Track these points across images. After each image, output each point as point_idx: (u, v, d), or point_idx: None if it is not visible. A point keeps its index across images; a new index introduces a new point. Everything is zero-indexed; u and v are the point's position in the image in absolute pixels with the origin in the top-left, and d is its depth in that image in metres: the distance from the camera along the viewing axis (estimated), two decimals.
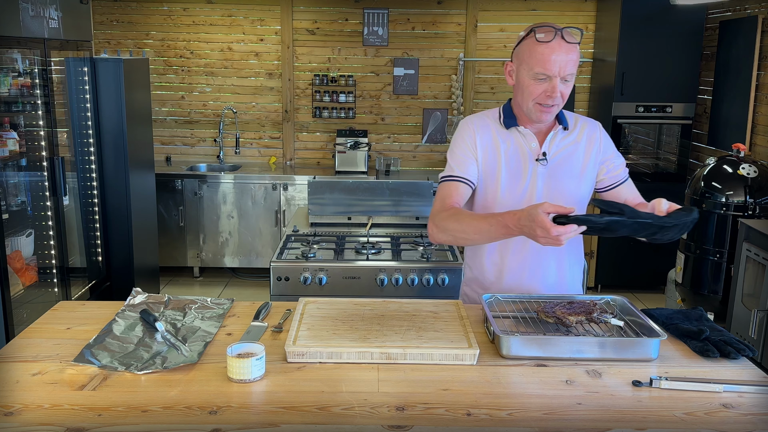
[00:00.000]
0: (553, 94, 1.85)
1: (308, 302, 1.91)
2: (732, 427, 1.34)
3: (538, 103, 1.89)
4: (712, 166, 4.00)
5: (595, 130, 2.05)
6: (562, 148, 2.00)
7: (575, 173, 2.00)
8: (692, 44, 4.92)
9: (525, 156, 1.98)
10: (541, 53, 1.81)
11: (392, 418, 1.35)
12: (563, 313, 1.74)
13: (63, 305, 1.99)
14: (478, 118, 2.05)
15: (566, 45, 1.81)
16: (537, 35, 1.82)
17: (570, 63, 1.82)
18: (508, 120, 2.00)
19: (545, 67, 1.82)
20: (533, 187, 1.98)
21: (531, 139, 1.99)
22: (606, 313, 1.79)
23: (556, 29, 1.81)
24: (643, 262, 5.10)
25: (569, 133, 2.01)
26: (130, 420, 1.33)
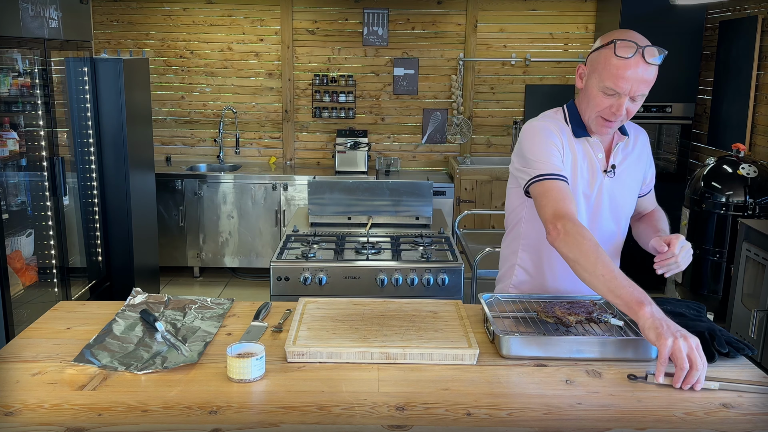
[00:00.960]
0: (618, 112, 1.77)
1: (308, 302, 1.91)
2: (732, 427, 1.34)
3: (601, 117, 1.81)
4: (711, 166, 4.00)
5: (645, 140, 2.01)
6: (624, 159, 1.94)
7: (633, 184, 1.97)
8: (692, 44, 4.92)
9: (594, 167, 1.90)
10: (616, 68, 1.72)
11: (392, 418, 1.35)
12: (563, 313, 1.74)
13: (63, 305, 1.99)
14: (552, 123, 1.89)
15: (644, 65, 1.71)
16: (617, 49, 1.72)
17: (644, 84, 1.73)
18: (578, 129, 1.89)
19: (616, 84, 1.73)
20: (599, 200, 1.92)
21: (598, 149, 1.91)
22: (606, 312, 1.79)
23: (639, 46, 1.71)
24: (643, 262, 5.09)
25: (627, 143, 1.96)
26: (130, 420, 1.33)
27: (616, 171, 1.91)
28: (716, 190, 3.91)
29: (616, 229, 1.99)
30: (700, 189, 3.97)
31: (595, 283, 1.61)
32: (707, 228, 3.97)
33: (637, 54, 1.71)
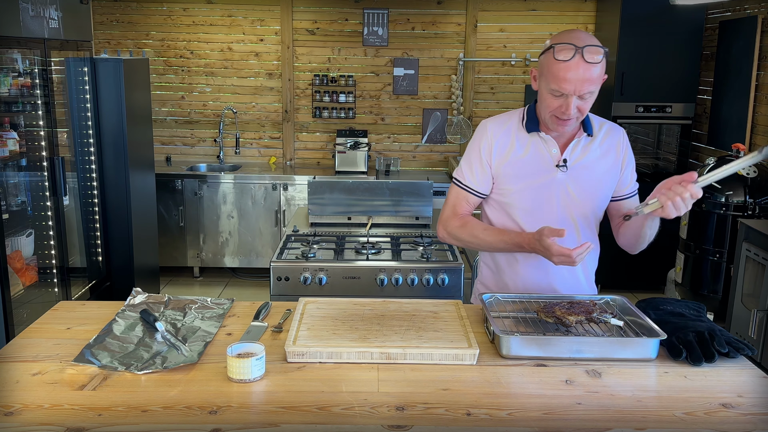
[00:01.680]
0: (567, 111, 1.82)
1: (308, 302, 1.91)
2: (732, 427, 1.34)
3: (554, 116, 1.87)
4: (711, 166, 4.00)
5: (618, 137, 2.02)
6: (584, 155, 1.97)
7: (594, 181, 1.99)
8: (692, 44, 4.92)
9: (545, 161, 1.96)
10: (558, 71, 1.78)
11: (392, 418, 1.35)
12: (563, 312, 1.74)
13: (63, 305, 1.99)
14: (498, 123, 2.01)
15: (585, 65, 1.75)
16: (556, 53, 1.77)
17: (587, 82, 1.78)
18: (531, 124, 1.97)
19: (560, 86, 1.79)
20: (551, 193, 1.97)
21: (552, 145, 1.96)
22: (606, 313, 1.79)
23: (577, 47, 1.75)
24: (643, 262, 5.10)
25: (592, 140, 1.99)
26: (130, 420, 1.33)
27: (569, 166, 1.96)
28: (716, 190, 3.91)
29: (571, 222, 2.00)
30: None
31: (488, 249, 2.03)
32: (707, 228, 3.97)
33: (577, 55, 1.75)
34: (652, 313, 1.82)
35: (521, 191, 1.98)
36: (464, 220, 2.03)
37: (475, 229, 2.00)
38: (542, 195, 1.97)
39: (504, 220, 2.03)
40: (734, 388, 1.49)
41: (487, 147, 2.00)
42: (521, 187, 1.98)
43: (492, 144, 1.99)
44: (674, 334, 1.67)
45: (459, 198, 2.06)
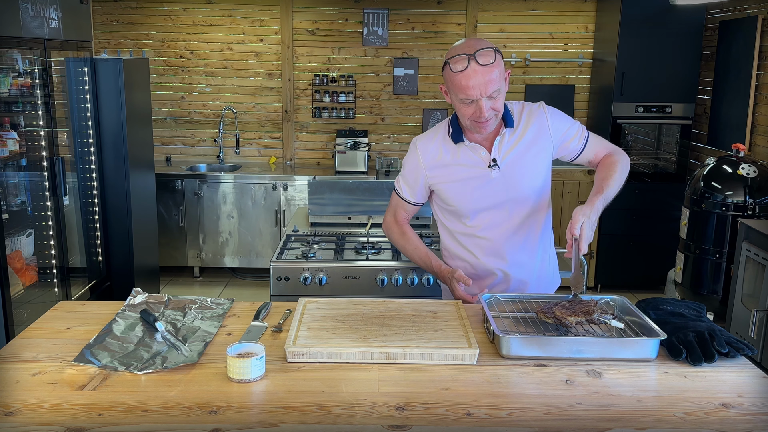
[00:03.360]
0: (482, 114, 1.91)
1: (308, 302, 1.91)
2: (732, 427, 1.34)
3: (473, 121, 1.95)
4: (711, 166, 4.00)
5: (540, 116, 2.07)
6: (512, 147, 2.05)
7: (530, 168, 2.07)
8: (692, 44, 4.92)
9: (477, 166, 2.06)
10: (459, 81, 1.87)
11: (392, 418, 1.35)
12: (563, 313, 1.74)
13: (63, 305, 1.99)
14: (427, 140, 2.13)
15: (481, 68, 1.85)
16: (452, 66, 1.88)
17: (489, 83, 1.87)
18: (456, 135, 2.07)
19: (467, 93, 1.88)
20: (491, 193, 2.06)
21: (479, 149, 2.06)
22: (606, 314, 1.79)
23: (468, 55, 1.85)
24: (643, 262, 5.11)
25: (515, 131, 2.06)
26: (130, 420, 1.33)
27: (500, 163, 2.05)
28: (716, 190, 3.91)
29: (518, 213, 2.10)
30: (700, 189, 3.97)
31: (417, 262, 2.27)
32: (707, 228, 3.97)
33: (471, 62, 1.85)
34: (652, 313, 1.82)
35: (461, 198, 2.09)
36: (403, 231, 2.28)
37: (408, 245, 2.26)
38: (483, 197, 2.07)
39: (454, 225, 2.17)
40: (734, 388, 1.49)
41: (416, 164, 2.13)
42: (460, 195, 2.09)
43: (421, 161, 2.12)
44: (674, 334, 1.67)
45: (398, 205, 2.27)
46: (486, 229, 2.12)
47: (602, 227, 5.06)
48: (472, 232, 2.14)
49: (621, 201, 5.64)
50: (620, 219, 5.06)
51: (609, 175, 2.01)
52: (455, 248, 2.21)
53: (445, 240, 2.25)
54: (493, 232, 2.12)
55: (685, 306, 1.87)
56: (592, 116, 5.54)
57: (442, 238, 2.27)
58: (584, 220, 1.81)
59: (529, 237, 2.14)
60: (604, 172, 2.03)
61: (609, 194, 1.96)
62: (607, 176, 2.01)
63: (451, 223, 2.19)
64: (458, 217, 2.15)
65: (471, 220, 2.12)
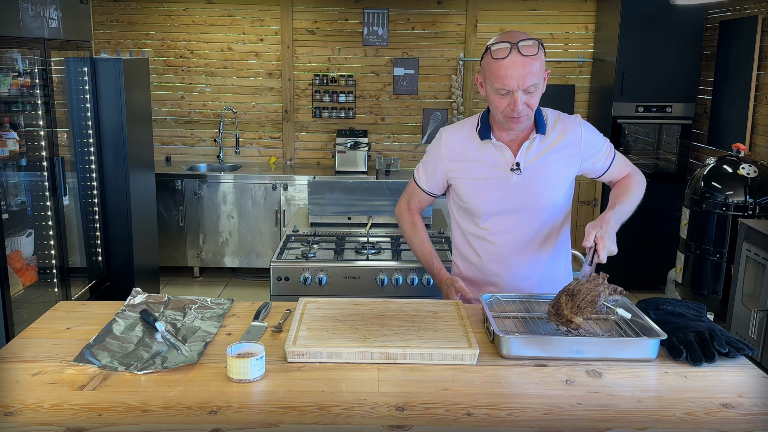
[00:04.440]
0: (516, 107, 1.87)
1: (308, 302, 1.91)
2: (732, 427, 1.34)
3: (506, 116, 1.92)
4: (712, 166, 4.00)
5: (575, 128, 2.04)
6: (539, 155, 2.01)
7: (552, 179, 2.03)
8: (692, 44, 4.92)
9: (500, 166, 2.02)
10: (498, 70, 1.84)
11: (392, 418, 1.35)
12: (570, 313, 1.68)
13: (63, 305, 1.99)
14: (452, 132, 2.11)
15: (522, 59, 1.82)
16: (493, 53, 1.85)
17: (529, 75, 1.83)
18: (484, 131, 2.03)
19: (504, 84, 1.85)
20: (508, 197, 2.03)
21: (504, 149, 2.02)
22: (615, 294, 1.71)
23: (512, 43, 1.82)
24: (643, 262, 5.10)
25: (546, 138, 2.02)
26: (130, 420, 1.33)
27: (523, 168, 2.01)
28: (716, 190, 3.91)
29: (533, 221, 2.06)
30: (700, 189, 3.97)
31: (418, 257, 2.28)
32: (707, 228, 3.97)
33: (513, 51, 1.82)
34: (652, 313, 1.82)
35: (477, 197, 2.06)
36: (414, 222, 2.28)
37: (415, 237, 2.27)
38: (499, 200, 2.04)
39: (466, 224, 2.14)
40: (734, 388, 1.49)
41: (440, 155, 2.10)
42: (477, 193, 2.05)
43: (443, 152, 2.09)
44: (674, 334, 1.67)
45: (414, 193, 2.26)
46: (496, 233, 2.08)
47: None
48: (482, 235, 2.10)
49: None
50: None
51: (623, 192, 2.01)
52: (463, 247, 2.18)
53: (455, 237, 2.22)
54: (502, 237, 2.08)
55: (686, 306, 1.87)
56: (592, 116, 5.54)
57: (453, 235, 2.24)
58: (596, 232, 1.80)
59: (538, 250, 2.09)
60: (619, 190, 2.04)
61: (622, 209, 1.95)
62: (621, 194, 2.01)
63: (463, 221, 2.15)
64: (471, 217, 2.11)
65: (483, 222, 2.08)
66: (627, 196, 2.00)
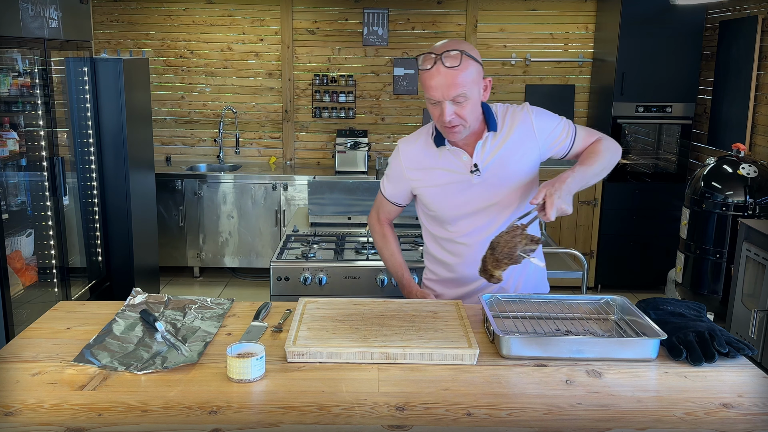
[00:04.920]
0: (443, 118, 1.86)
1: (308, 302, 1.91)
2: (732, 427, 1.34)
3: (441, 125, 1.92)
4: (712, 166, 4.00)
5: (525, 117, 2.01)
6: (495, 151, 2.00)
7: (514, 173, 2.01)
8: (692, 44, 4.92)
9: (459, 170, 2.01)
10: (424, 80, 1.85)
11: (392, 418, 1.35)
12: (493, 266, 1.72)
13: (63, 305, 1.99)
14: (410, 142, 2.10)
15: (446, 70, 1.80)
16: (420, 64, 1.86)
17: (453, 87, 1.82)
18: (438, 138, 2.02)
19: (430, 94, 1.86)
20: (472, 198, 2.02)
21: (460, 153, 2.00)
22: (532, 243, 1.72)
23: (436, 55, 1.82)
24: (643, 262, 5.10)
25: (498, 134, 2.00)
26: (130, 420, 1.33)
27: (482, 168, 1.99)
28: (716, 190, 3.91)
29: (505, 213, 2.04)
30: (700, 189, 3.97)
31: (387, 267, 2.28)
32: (707, 228, 3.97)
33: (437, 63, 1.82)
34: (652, 313, 1.82)
35: (442, 204, 2.05)
36: (384, 233, 2.27)
37: (385, 249, 2.26)
38: (464, 203, 2.03)
39: (436, 230, 2.13)
40: (734, 388, 1.49)
41: (400, 166, 2.10)
42: (441, 200, 2.05)
43: (403, 163, 2.08)
44: (674, 334, 1.67)
45: (381, 205, 2.25)
46: (467, 235, 2.07)
47: (602, 227, 5.06)
48: (453, 238, 2.09)
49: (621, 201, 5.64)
50: (620, 219, 5.06)
51: (589, 156, 1.95)
52: (438, 253, 2.16)
53: (428, 244, 2.21)
54: (473, 238, 2.06)
55: (686, 306, 1.87)
56: (592, 116, 5.54)
57: (425, 242, 2.22)
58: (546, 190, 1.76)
59: None
60: (585, 154, 1.99)
61: (584, 171, 1.88)
62: (586, 157, 1.95)
63: (433, 227, 2.14)
64: (440, 223, 2.10)
65: (452, 227, 2.07)
66: (593, 159, 1.93)
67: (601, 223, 5.08)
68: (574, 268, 3.07)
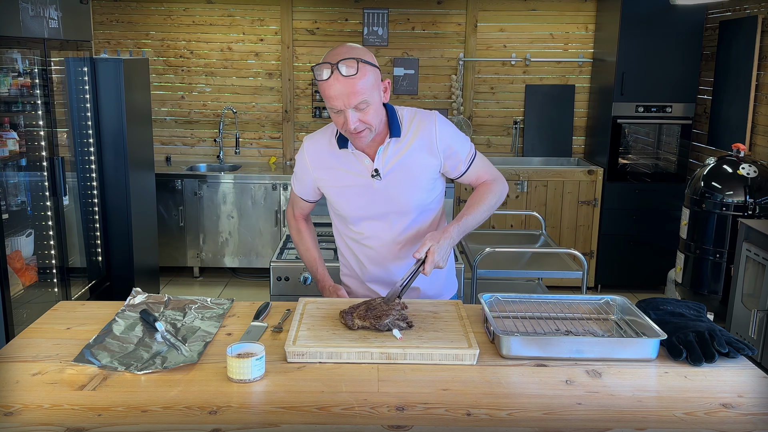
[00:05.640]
0: (347, 126, 1.84)
1: (308, 302, 1.91)
2: (732, 427, 1.34)
3: (346, 132, 1.89)
4: (712, 166, 4.00)
5: (429, 126, 2.00)
6: (397, 157, 1.98)
7: (412, 180, 2.00)
8: (692, 44, 4.91)
9: (361, 174, 2.00)
10: (323, 90, 1.83)
11: (392, 418, 1.35)
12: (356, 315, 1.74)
13: (63, 305, 1.99)
14: (314, 141, 2.08)
15: (342, 79, 1.78)
16: (315, 75, 1.83)
17: (353, 95, 1.79)
18: (341, 140, 2.00)
19: (331, 103, 1.83)
20: (373, 202, 2.01)
21: (362, 157, 1.99)
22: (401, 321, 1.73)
23: (332, 64, 1.78)
24: (643, 262, 5.10)
25: (401, 140, 1.99)
26: (130, 420, 1.33)
27: (383, 173, 1.99)
28: (716, 190, 3.91)
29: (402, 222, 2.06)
30: (700, 189, 3.97)
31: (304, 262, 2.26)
32: (707, 228, 3.97)
33: (334, 72, 1.78)
34: (652, 313, 1.82)
35: (345, 204, 2.06)
36: (299, 228, 2.25)
37: (301, 244, 2.24)
38: (366, 206, 2.03)
39: (343, 228, 2.14)
40: (734, 388, 1.49)
41: (305, 164, 2.08)
42: (344, 200, 2.05)
43: (308, 161, 2.07)
44: (674, 334, 1.67)
45: (294, 201, 2.23)
46: (370, 238, 2.07)
47: (602, 227, 5.06)
48: (358, 239, 2.10)
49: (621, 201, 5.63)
50: (620, 219, 5.06)
51: (475, 203, 2.01)
52: (345, 250, 2.18)
53: (337, 240, 2.21)
54: (376, 241, 2.07)
55: (686, 306, 1.87)
56: (592, 116, 5.54)
57: (336, 238, 2.22)
58: (432, 245, 1.83)
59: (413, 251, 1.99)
60: (472, 200, 2.03)
61: (468, 221, 1.97)
62: (472, 204, 2.01)
63: (340, 225, 2.15)
64: (344, 221, 2.11)
65: (356, 226, 2.08)
66: (477, 207, 1.99)
67: (601, 223, 5.08)
68: (574, 268, 3.08)
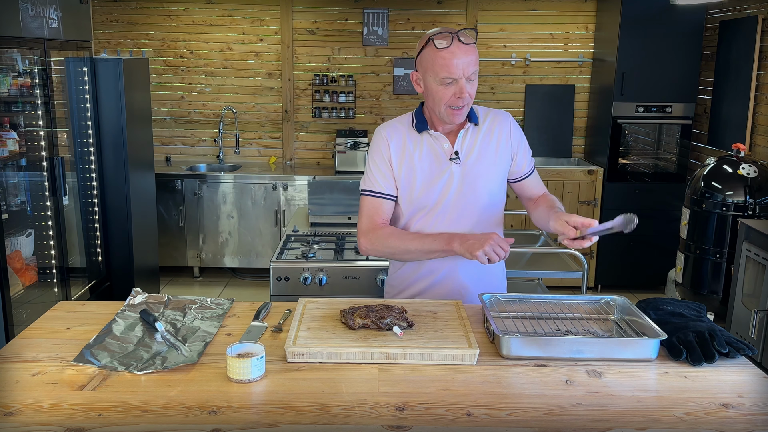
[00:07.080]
0: (462, 95, 1.91)
1: (308, 302, 1.91)
2: (732, 427, 1.34)
3: (449, 106, 1.94)
4: (712, 166, 4.00)
5: (505, 122, 2.09)
6: (475, 143, 2.05)
7: (488, 168, 2.06)
8: (692, 44, 4.92)
9: (439, 157, 2.04)
10: (443, 58, 1.88)
11: (392, 418, 1.35)
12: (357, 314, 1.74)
13: (63, 305, 1.99)
14: (390, 127, 2.10)
15: (464, 47, 1.87)
16: (436, 43, 1.88)
17: (471, 63, 1.89)
18: (420, 125, 2.05)
19: (450, 71, 1.88)
20: (449, 185, 2.04)
21: (442, 140, 2.04)
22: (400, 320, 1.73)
23: (452, 33, 1.88)
24: (643, 262, 5.10)
25: (479, 128, 2.06)
26: (130, 420, 1.33)
27: (462, 157, 2.03)
28: (716, 190, 3.91)
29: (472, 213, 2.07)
30: (700, 189, 3.97)
31: (415, 256, 2.04)
32: (707, 228, 3.97)
33: (455, 39, 1.88)
34: (652, 313, 1.82)
35: (421, 188, 2.04)
36: (390, 230, 2.04)
37: (403, 234, 2.03)
38: (441, 189, 2.04)
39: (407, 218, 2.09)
40: (734, 389, 1.49)
41: (386, 150, 2.06)
42: (421, 184, 2.04)
43: (389, 147, 2.06)
44: (674, 334, 1.67)
45: (374, 207, 2.06)
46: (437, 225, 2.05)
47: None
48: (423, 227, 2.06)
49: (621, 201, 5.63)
50: None
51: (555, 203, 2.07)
52: None
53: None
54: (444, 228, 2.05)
55: (686, 306, 1.87)
56: (592, 116, 5.54)
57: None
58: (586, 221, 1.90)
59: None
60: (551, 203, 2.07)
61: None
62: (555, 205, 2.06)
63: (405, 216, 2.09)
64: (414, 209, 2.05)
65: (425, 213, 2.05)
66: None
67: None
68: (574, 268, 3.08)
